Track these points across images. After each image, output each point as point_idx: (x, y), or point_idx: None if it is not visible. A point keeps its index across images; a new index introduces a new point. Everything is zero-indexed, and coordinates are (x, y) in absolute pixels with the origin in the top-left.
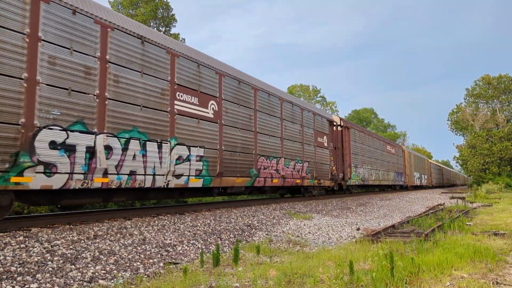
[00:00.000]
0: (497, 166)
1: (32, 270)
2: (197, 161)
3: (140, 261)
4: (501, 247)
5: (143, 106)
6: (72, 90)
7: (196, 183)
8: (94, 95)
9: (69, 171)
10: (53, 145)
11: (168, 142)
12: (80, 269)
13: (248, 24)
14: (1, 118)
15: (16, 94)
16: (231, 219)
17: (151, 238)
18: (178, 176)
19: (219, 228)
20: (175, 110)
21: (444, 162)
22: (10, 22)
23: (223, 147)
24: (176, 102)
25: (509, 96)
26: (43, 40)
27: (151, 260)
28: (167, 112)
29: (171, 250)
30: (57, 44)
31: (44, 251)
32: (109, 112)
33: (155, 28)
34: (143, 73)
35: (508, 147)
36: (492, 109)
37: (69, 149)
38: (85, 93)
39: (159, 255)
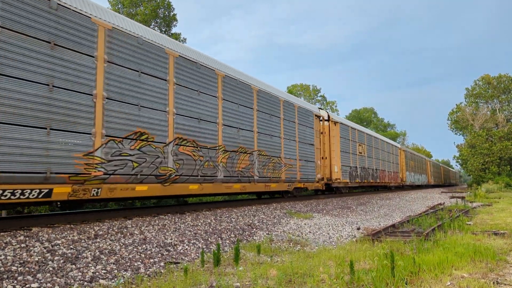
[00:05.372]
0: (497, 165)
1: (32, 270)
2: None
3: (140, 260)
4: (501, 246)
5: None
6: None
7: None
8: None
9: None
10: None
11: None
12: (81, 268)
13: (250, 24)
14: None
15: None
16: (232, 219)
17: (152, 238)
18: None
19: (219, 228)
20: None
21: (445, 161)
22: None
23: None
24: None
25: (509, 96)
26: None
27: (151, 260)
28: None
29: (171, 249)
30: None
31: (44, 250)
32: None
33: (156, 28)
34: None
35: (508, 146)
36: (492, 109)
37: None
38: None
39: (159, 255)
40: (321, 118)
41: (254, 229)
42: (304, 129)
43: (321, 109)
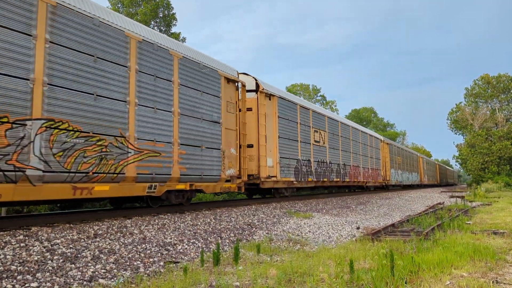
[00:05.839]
0: (497, 165)
1: (32, 269)
2: None
3: (140, 260)
4: (501, 246)
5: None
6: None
7: None
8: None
9: None
10: None
11: None
12: (80, 268)
13: (249, 24)
14: None
15: None
16: (232, 218)
17: (151, 237)
18: None
19: (219, 227)
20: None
21: (444, 161)
22: None
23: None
24: None
25: (508, 96)
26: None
27: (151, 259)
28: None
29: (171, 249)
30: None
31: (44, 250)
32: None
33: (156, 27)
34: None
35: (508, 146)
36: (491, 109)
37: None
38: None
39: (159, 254)
40: (239, 86)
41: (254, 229)
42: (198, 97)
43: (246, 74)
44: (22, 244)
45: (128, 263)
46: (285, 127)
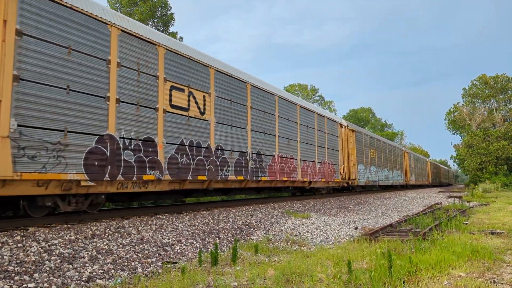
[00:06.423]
0: (494, 165)
1: (29, 270)
2: None
3: (138, 260)
4: (498, 246)
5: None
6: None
7: None
8: None
9: None
10: None
11: None
12: (78, 268)
13: (247, 24)
14: None
15: None
16: (230, 218)
17: (149, 238)
18: None
19: (217, 227)
20: None
21: (442, 161)
22: None
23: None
24: None
25: (505, 96)
26: None
27: (149, 260)
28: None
29: (169, 249)
30: None
31: (41, 250)
32: None
33: (154, 27)
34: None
35: (505, 146)
36: (489, 109)
37: None
38: None
39: (157, 255)
40: None
41: (252, 229)
42: None
43: None
44: (19, 245)
45: (126, 264)
46: (46, 58)
